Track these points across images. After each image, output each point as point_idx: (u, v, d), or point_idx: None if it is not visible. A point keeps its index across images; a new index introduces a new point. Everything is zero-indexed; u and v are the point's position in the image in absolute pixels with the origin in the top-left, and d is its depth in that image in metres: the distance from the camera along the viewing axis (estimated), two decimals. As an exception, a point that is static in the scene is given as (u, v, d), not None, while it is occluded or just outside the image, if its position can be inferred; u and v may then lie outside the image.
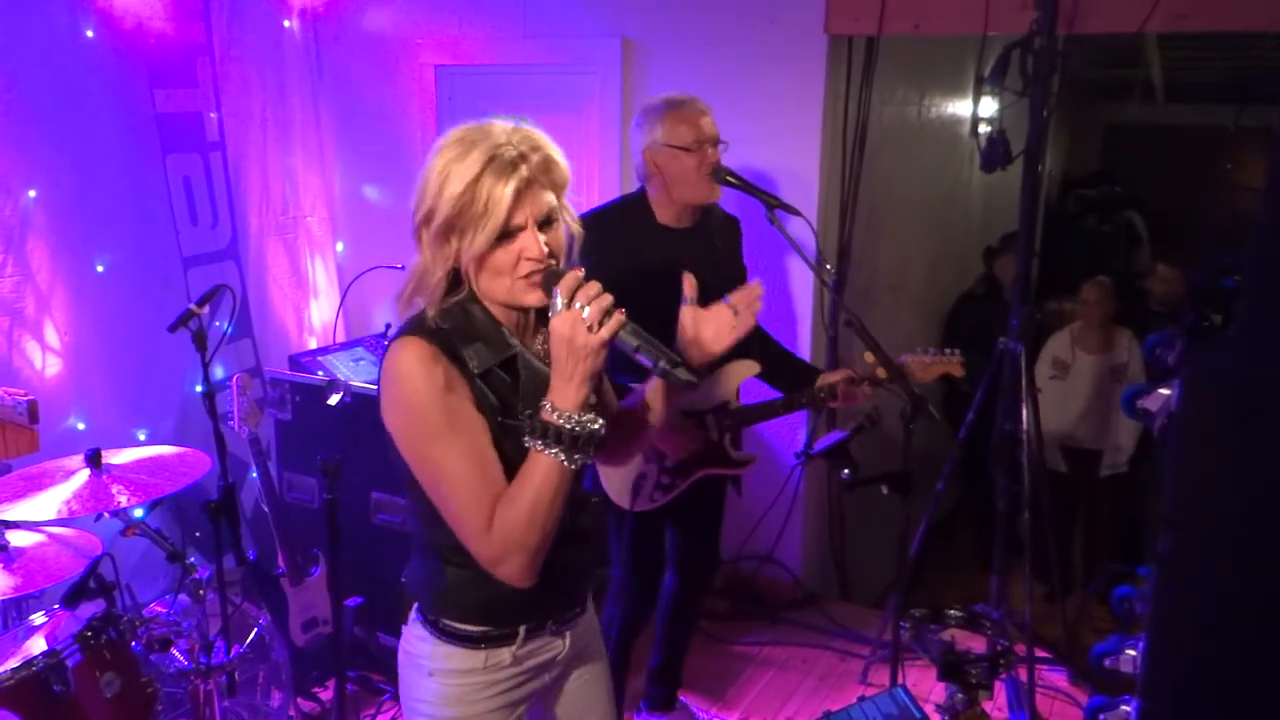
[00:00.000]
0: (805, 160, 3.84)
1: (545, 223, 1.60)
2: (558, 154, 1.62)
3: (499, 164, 1.54)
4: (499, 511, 1.56)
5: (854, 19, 3.67)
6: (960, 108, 5.22)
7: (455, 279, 1.64)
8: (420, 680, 1.77)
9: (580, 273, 1.55)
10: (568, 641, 1.85)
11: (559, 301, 1.52)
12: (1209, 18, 3.18)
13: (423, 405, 1.55)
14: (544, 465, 1.53)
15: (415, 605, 1.79)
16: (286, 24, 4.33)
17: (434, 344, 1.57)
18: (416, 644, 1.78)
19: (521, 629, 1.75)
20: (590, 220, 2.80)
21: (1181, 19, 3.17)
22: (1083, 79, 7.28)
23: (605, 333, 1.51)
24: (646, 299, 2.66)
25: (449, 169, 1.55)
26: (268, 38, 4.23)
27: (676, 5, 3.94)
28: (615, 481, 2.75)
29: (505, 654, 1.75)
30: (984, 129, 3.39)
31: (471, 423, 1.59)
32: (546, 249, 1.59)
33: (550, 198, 1.59)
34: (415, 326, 1.62)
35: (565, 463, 1.53)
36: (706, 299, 2.10)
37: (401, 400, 1.58)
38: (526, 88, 4.41)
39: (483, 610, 1.73)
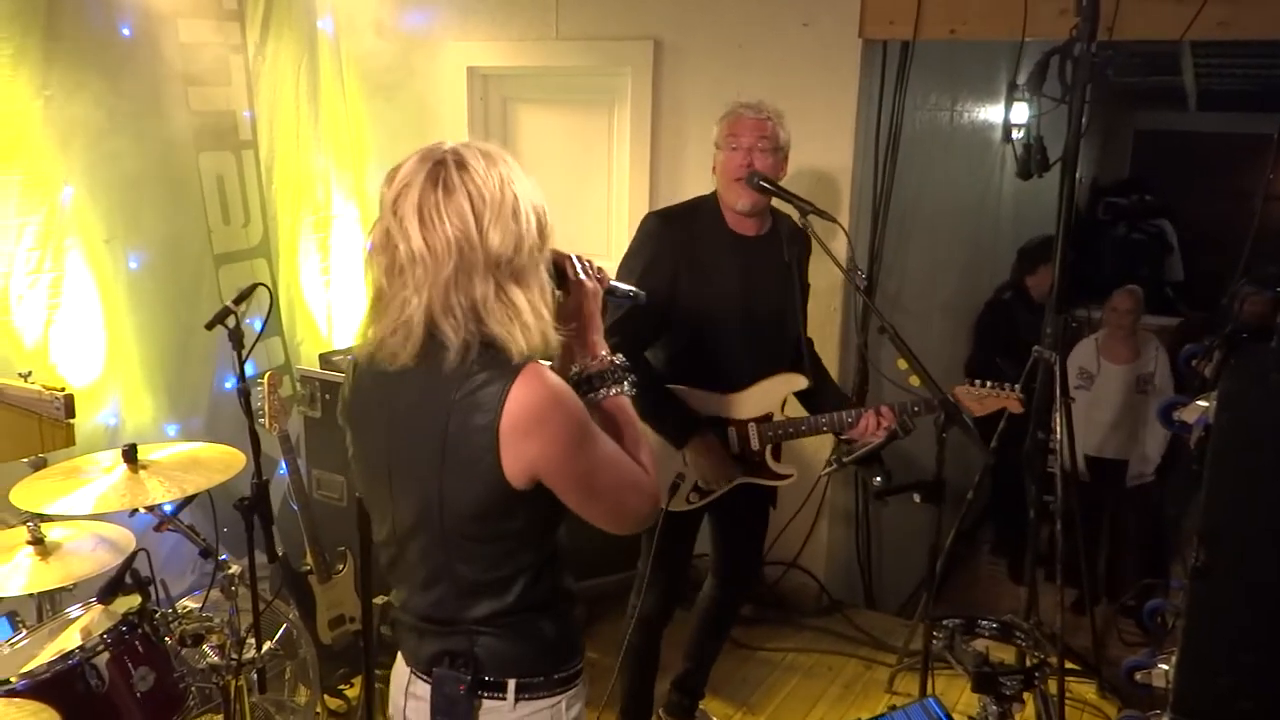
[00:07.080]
0: (838, 165, 3.82)
1: None
2: None
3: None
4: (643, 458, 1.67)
5: (890, 23, 3.66)
6: (992, 113, 5.18)
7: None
8: None
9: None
10: None
11: (580, 269, 1.69)
12: (1252, 25, 3.15)
13: (581, 411, 1.56)
14: (625, 403, 1.68)
15: (512, 683, 1.62)
16: (320, 23, 4.35)
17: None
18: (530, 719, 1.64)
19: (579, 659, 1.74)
20: (658, 214, 2.86)
21: (1224, 26, 3.15)
22: (1113, 85, 7.21)
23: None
24: (704, 300, 2.69)
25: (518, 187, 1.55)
26: (302, 37, 4.25)
27: (709, 7, 3.93)
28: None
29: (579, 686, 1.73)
30: (1017, 135, 3.37)
31: None
32: None
33: None
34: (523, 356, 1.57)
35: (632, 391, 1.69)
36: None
37: (566, 417, 1.53)
38: (558, 89, 4.42)
39: (578, 638, 1.74)
